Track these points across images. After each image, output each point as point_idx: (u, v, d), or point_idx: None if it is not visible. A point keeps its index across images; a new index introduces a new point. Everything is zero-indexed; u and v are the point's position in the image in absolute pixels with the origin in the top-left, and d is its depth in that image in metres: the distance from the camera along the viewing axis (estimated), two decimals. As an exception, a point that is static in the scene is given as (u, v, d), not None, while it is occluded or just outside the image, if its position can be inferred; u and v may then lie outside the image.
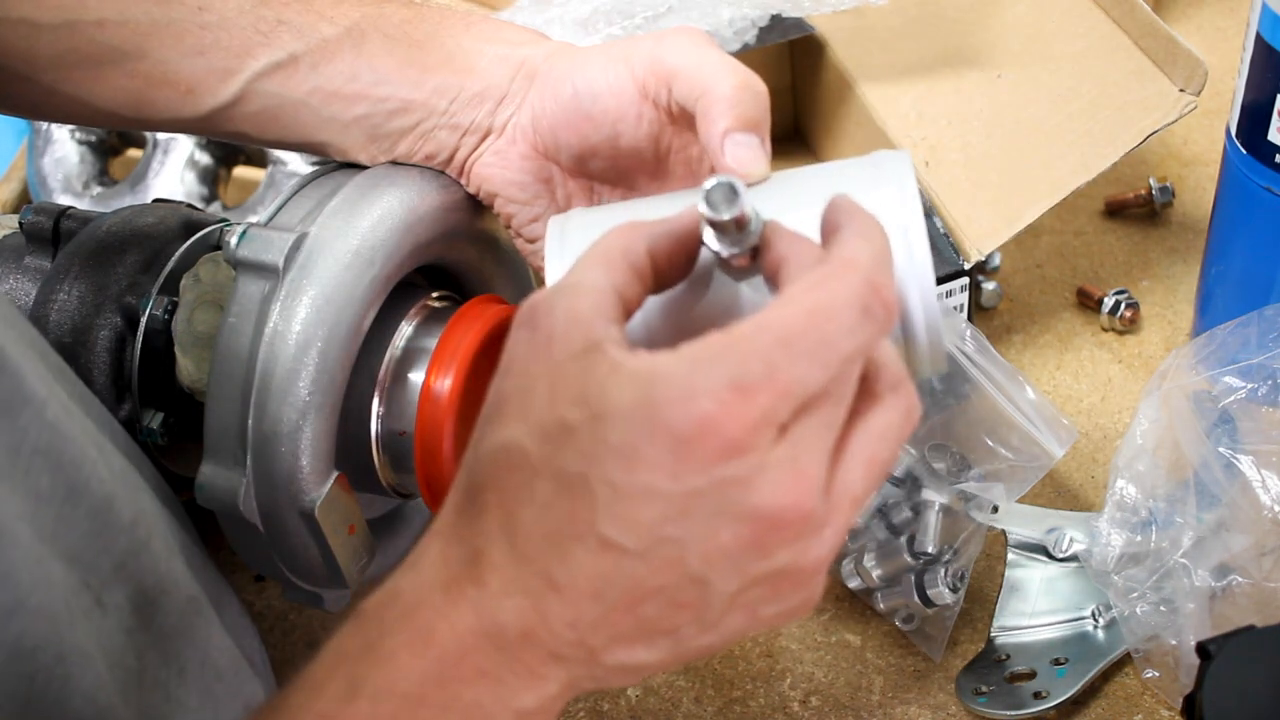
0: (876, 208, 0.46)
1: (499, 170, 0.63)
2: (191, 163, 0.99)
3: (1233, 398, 0.68)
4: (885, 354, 0.44)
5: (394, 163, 0.65)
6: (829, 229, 0.45)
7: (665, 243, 0.46)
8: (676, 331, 0.50)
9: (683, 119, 0.58)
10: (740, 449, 0.40)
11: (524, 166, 0.63)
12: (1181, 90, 0.80)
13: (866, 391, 0.44)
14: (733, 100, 0.54)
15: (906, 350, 0.50)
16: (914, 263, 0.49)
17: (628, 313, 0.45)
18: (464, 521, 0.44)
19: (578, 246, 0.50)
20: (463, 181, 0.65)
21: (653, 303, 0.48)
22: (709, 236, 0.46)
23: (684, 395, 0.40)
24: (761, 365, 0.40)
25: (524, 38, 0.63)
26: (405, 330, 0.65)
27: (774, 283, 0.46)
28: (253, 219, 0.73)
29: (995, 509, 0.71)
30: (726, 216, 0.45)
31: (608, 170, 0.62)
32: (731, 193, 0.45)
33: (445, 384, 0.63)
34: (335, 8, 0.63)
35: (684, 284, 0.48)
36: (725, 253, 0.46)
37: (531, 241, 0.65)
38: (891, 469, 0.44)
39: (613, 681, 0.45)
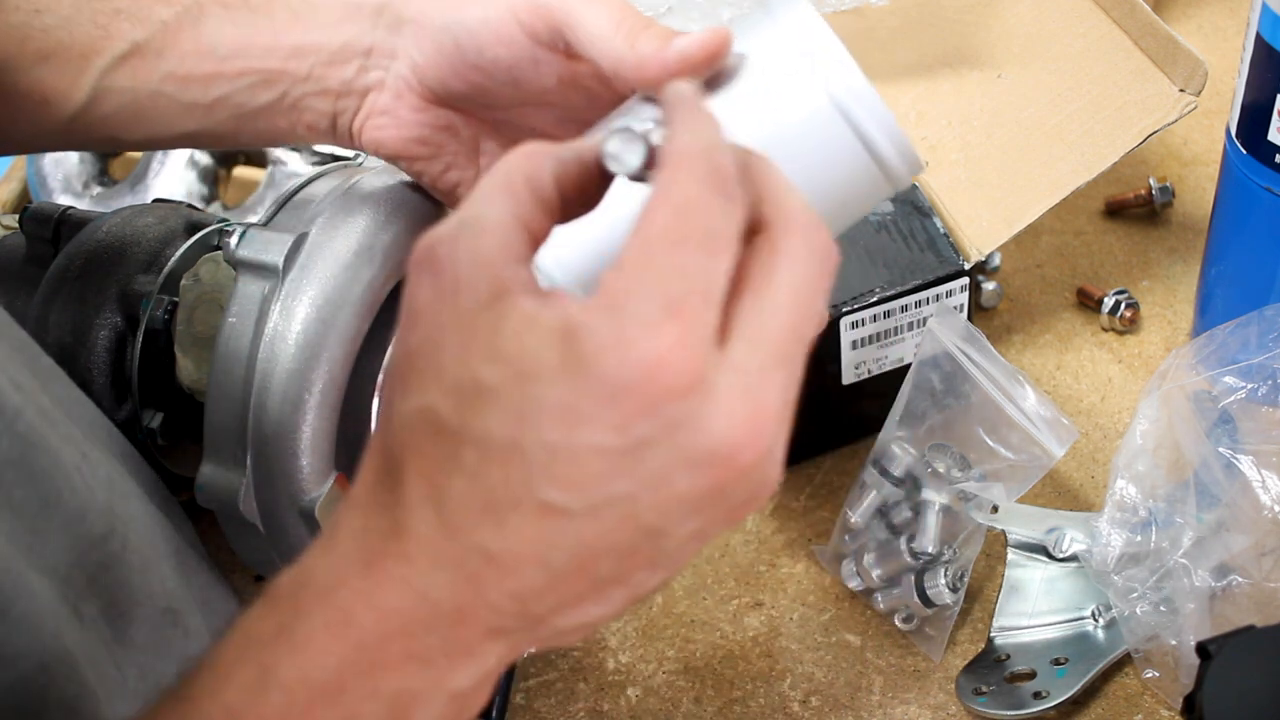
0: (769, 48, 0.46)
1: (393, 131, 0.59)
2: (191, 163, 0.99)
3: (1233, 398, 0.68)
4: (771, 204, 0.41)
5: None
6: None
7: (574, 168, 0.43)
8: (587, 260, 0.48)
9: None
10: (693, 381, 0.37)
11: (419, 120, 0.59)
12: (1181, 90, 0.80)
13: (767, 247, 0.40)
14: (635, 57, 0.52)
15: (879, 167, 0.49)
16: (837, 82, 0.48)
17: (534, 246, 0.42)
18: (383, 492, 0.40)
19: None
20: (356, 148, 0.61)
21: (559, 232, 0.45)
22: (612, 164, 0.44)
23: (615, 342, 0.37)
24: (675, 276, 0.38)
25: None
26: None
27: None
28: (253, 219, 0.73)
29: (995, 509, 0.71)
30: (636, 163, 0.42)
31: (516, 109, 0.59)
32: (632, 140, 0.42)
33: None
34: None
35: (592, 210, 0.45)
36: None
37: (451, 190, 0.62)
38: (822, 317, 0.41)
39: (560, 641, 0.42)
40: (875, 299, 0.76)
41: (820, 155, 0.49)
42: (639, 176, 0.42)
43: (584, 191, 0.43)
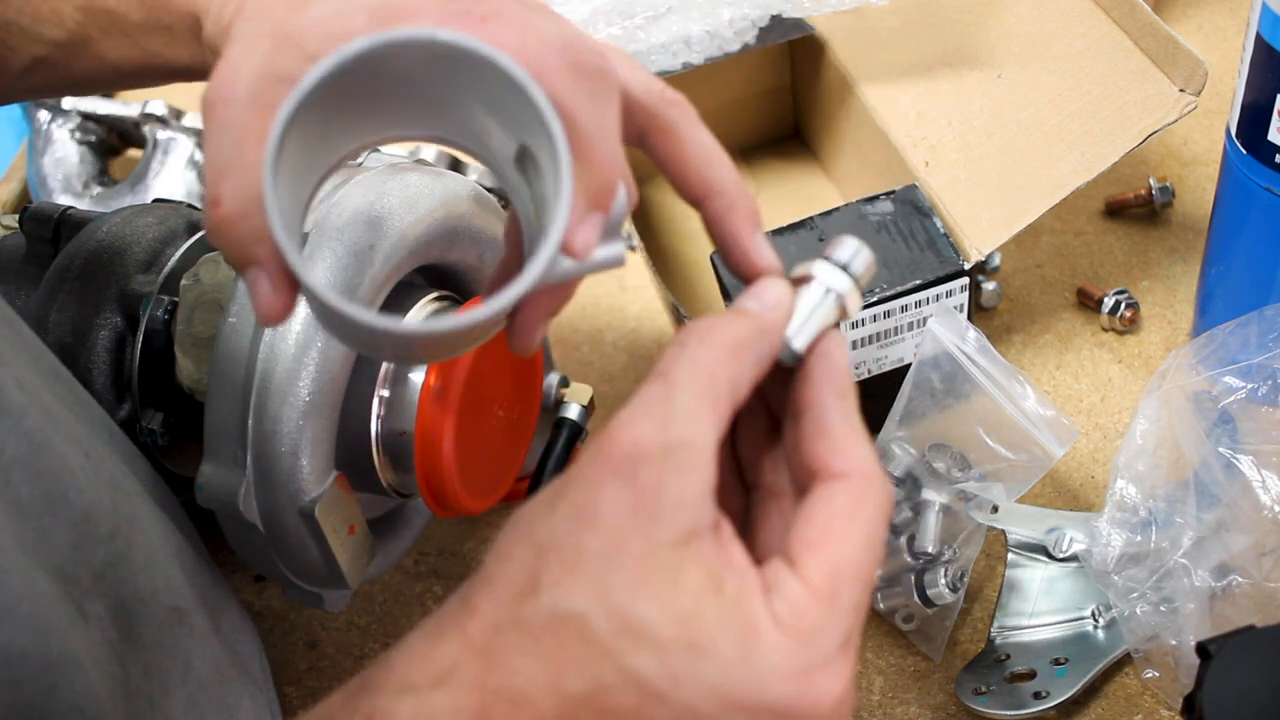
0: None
1: None
2: (191, 163, 0.99)
3: (1233, 398, 0.68)
4: (853, 458, 0.43)
5: (394, 164, 0.65)
6: (814, 430, 0.44)
7: (763, 368, 0.44)
8: None
9: None
10: (843, 701, 0.40)
11: None
12: (1181, 90, 0.80)
13: (850, 502, 0.42)
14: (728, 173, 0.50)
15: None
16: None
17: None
18: (481, 668, 0.40)
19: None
20: None
21: None
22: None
23: (799, 672, 0.39)
24: (855, 615, 0.41)
25: None
26: (405, 330, 0.65)
27: (802, 421, 0.44)
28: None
29: (995, 509, 0.71)
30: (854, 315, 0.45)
31: None
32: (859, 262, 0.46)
33: (446, 384, 0.63)
34: None
35: None
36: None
37: None
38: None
39: None
40: (875, 299, 0.76)
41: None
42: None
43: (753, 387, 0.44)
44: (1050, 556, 0.73)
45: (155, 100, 1.01)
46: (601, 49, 0.47)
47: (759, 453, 0.47)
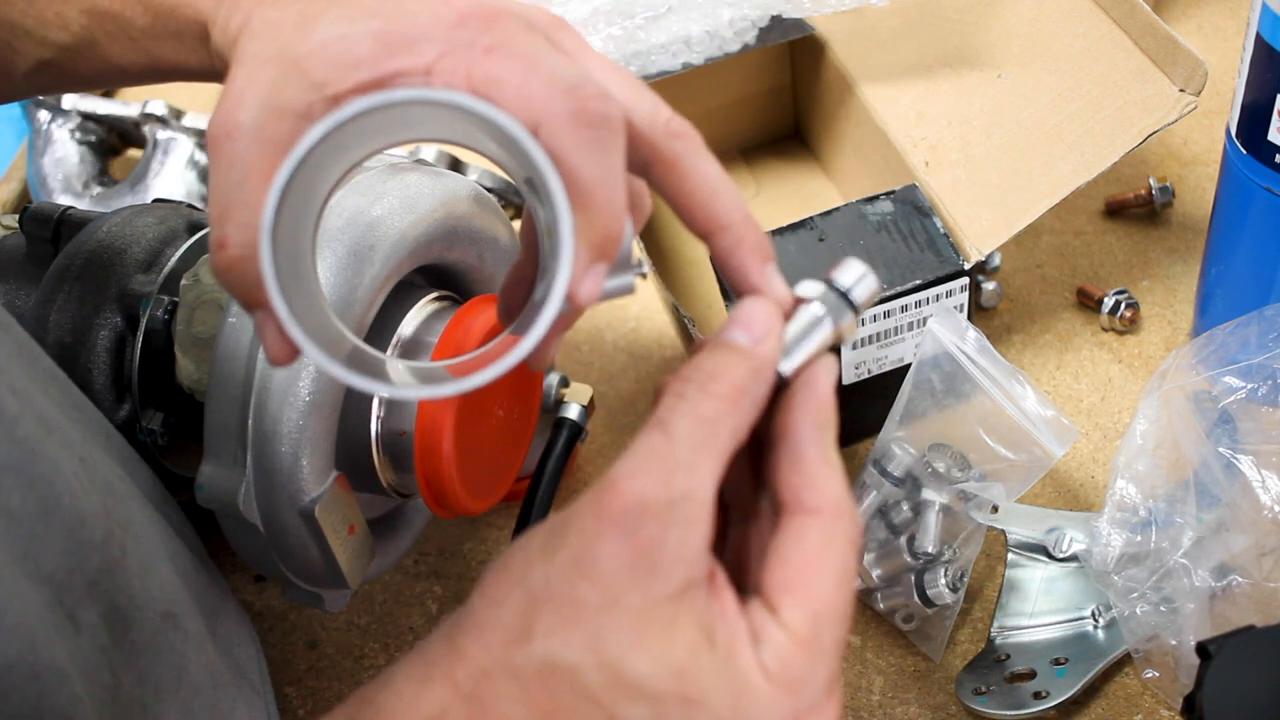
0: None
1: None
2: (191, 163, 1.00)
3: (1233, 398, 0.68)
4: (821, 492, 0.43)
5: (393, 165, 0.65)
6: (792, 436, 0.44)
7: (760, 409, 0.44)
8: None
9: None
10: None
11: None
12: (1181, 90, 0.80)
13: (821, 538, 0.43)
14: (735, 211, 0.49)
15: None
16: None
17: None
18: (480, 709, 0.40)
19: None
20: None
21: None
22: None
23: (783, 716, 0.40)
24: (836, 657, 0.41)
25: None
26: (405, 330, 0.65)
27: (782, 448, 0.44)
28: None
29: (995, 509, 0.71)
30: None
31: None
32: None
33: (445, 384, 0.62)
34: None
35: None
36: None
37: None
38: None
39: None
40: (875, 299, 0.76)
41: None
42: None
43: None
44: (1050, 556, 0.73)
45: (155, 100, 1.01)
46: (606, 89, 0.46)
47: (739, 473, 0.47)
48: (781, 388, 0.45)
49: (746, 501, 0.47)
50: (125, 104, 1.03)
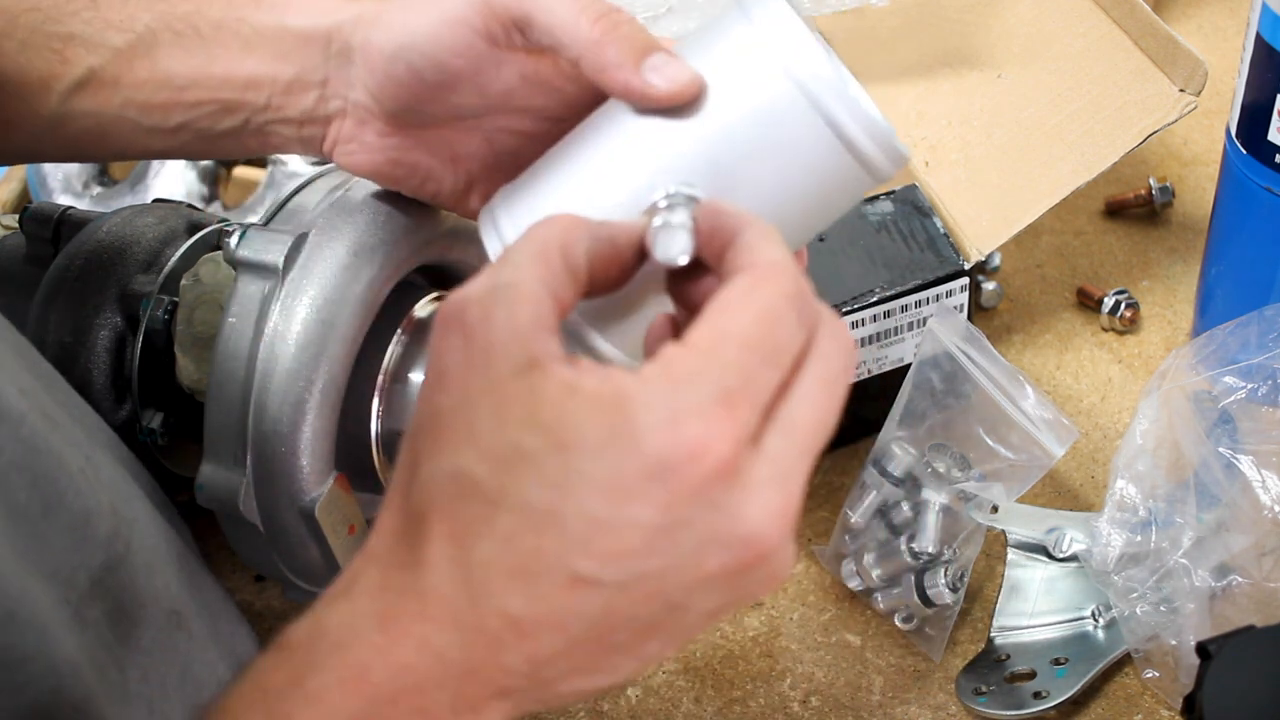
0: (735, 43, 0.47)
1: (362, 156, 0.59)
2: (191, 163, 0.99)
3: (1233, 398, 0.68)
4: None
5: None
6: (725, 234, 0.43)
7: (607, 247, 0.44)
8: (608, 333, 0.49)
9: (549, 50, 0.55)
10: (731, 470, 0.38)
11: (386, 145, 0.59)
12: (1181, 90, 0.80)
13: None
14: (601, 42, 0.51)
15: (855, 157, 0.48)
16: (801, 68, 0.47)
17: (561, 317, 0.42)
18: (403, 550, 0.41)
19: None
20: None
21: (584, 306, 0.46)
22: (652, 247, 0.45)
23: (668, 419, 0.38)
24: (738, 376, 0.39)
25: (327, 5, 0.58)
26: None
27: (717, 269, 0.44)
28: (253, 219, 0.73)
29: (995, 509, 0.71)
30: (682, 261, 0.43)
31: (486, 111, 0.58)
32: (679, 232, 0.43)
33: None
34: (123, 9, 0.59)
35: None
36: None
37: (432, 198, 0.61)
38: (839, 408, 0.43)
39: (559, 704, 0.43)
40: (875, 299, 0.76)
41: (791, 145, 0.48)
42: (676, 262, 0.43)
43: (614, 270, 0.44)
44: (1050, 556, 0.73)
45: (155, 100, 1.01)
46: None
47: None
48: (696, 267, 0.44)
49: None
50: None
